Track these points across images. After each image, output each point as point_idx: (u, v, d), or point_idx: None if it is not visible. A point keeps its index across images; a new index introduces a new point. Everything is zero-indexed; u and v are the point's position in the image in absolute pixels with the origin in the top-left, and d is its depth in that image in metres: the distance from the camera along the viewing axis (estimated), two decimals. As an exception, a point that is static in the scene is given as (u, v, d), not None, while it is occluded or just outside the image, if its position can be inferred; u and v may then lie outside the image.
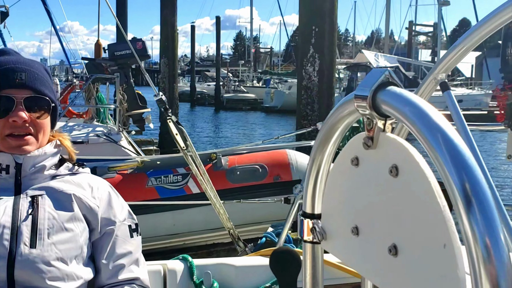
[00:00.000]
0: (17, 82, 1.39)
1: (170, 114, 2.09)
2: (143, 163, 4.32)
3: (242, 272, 1.87)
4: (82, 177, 1.53)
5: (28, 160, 1.42)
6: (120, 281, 1.49)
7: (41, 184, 1.44)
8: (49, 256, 1.34)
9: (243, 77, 50.49)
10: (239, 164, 4.52)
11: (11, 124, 1.38)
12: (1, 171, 1.40)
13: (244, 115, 33.00)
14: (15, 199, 1.39)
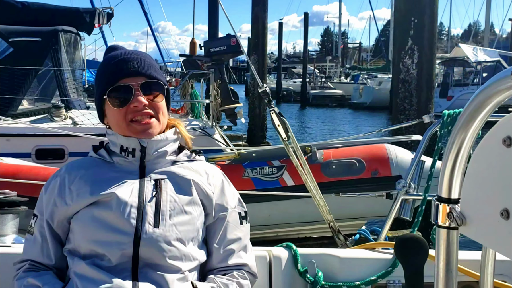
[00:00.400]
0: (131, 71, 1.49)
1: (273, 105, 2.11)
2: (240, 154, 4.43)
3: (346, 263, 1.86)
4: (199, 164, 1.60)
5: (151, 144, 1.50)
6: (230, 266, 1.55)
7: (163, 168, 1.53)
8: (170, 236, 1.42)
9: (330, 73, 49.87)
10: (335, 158, 4.46)
11: (132, 109, 1.47)
12: (128, 154, 1.50)
13: (331, 112, 32.56)
14: (141, 181, 1.48)
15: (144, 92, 1.49)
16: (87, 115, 6.59)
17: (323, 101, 36.45)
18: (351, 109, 34.01)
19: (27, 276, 1.46)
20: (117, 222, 1.41)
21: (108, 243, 1.40)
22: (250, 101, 14.26)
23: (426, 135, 2.41)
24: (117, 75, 1.49)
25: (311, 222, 4.37)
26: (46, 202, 1.50)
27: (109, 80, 1.49)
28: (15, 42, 6.74)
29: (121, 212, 1.41)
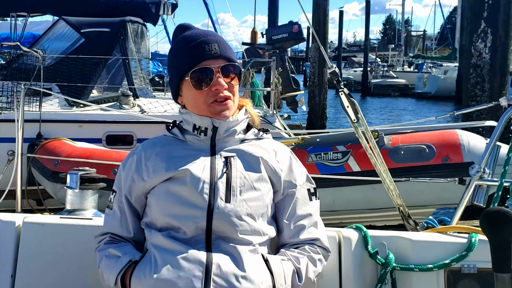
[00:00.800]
0: (213, 54, 1.52)
1: (343, 86, 2.09)
2: (303, 140, 4.43)
3: (418, 246, 1.81)
4: (267, 142, 1.63)
5: (223, 124, 1.55)
6: (302, 241, 1.57)
7: (232, 146, 1.57)
8: (241, 211, 1.46)
9: (392, 62, 48.48)
10: (403, 143, 4.35)
11: (213, 92, 1.52)
12: (200, 133, 1.55)
13: (393, 102, 31.69)
14: (212, 159, 1.53)
15: (223, 74, 1.53)
16: (154, 103, 6.81)
17: (385, 91, 35.55)
18: (415, 98, 32.96)
19: (108, 247, 1.55)
20: (191, 197, 1.46)
21: (183, 216, 1.45)
22: (310, 90, 14.16)
23: (503, 118, 2.31)
24: (199, 57, 1.52)
25: (376, 209, 4.30)
26: (124, 178, 1.58)
27: (190, 62, 1.53)
28: (86, 33, 7.06)
29: (195, 187, 1.46)
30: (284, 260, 1.51)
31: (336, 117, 21.89)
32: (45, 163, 5.31)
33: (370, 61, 41.07)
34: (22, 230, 1.75)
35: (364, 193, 4.19)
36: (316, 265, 1.56)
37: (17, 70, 6.36)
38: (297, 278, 1.50)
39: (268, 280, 1.43)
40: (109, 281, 1.47)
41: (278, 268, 1.47)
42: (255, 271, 1.42)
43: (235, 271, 1.39)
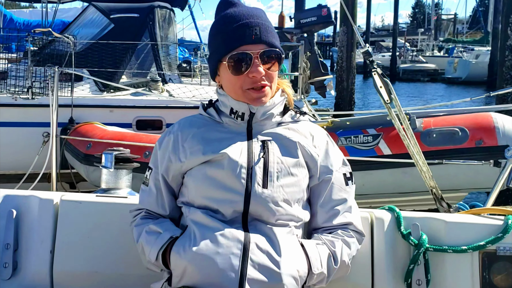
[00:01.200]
0: (253, 38, 1.47)
1: (376, 66, 2.06)
2: (333, 123, 4.40)
3: (452, 228, 1.79)
4: (304, 125, 1.61)
5: (260, 109, 1.53)
6: (335, 226, 1.56)
7: (269, 130, 1.55)
8: (278, 197, 1.46)
9: (421, 46, 47.47)
10: (435, 126, 4.28)
11: (250, 79, 1.49)
12: (237, 117, 1.54)
13: (422, 87, 31.09)
14: (248, 142, 1.52)
15: (262, 60, 1.48)
16: (182, 88, 6.86)
17: (414, 76, 34.89)
18: (445, 83, 32.26)
19: (147, 222, 1.56)
20: (228, 181, 1.46)
21: (220, 200, 1.46)
22: (337, 75, 13.97)
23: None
24: (239, 41, 1.48)
25: (406, 193, 4.26)
26: (161, 157, 1.58)
27: (229, 45, 1.49)
28: (115, 18, 7.12)
29: (232, 172, 1.46)
30: (319, 244, 1.51)
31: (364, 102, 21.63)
32: (78, 146, 5.44)
33: (399, 46, 40.31)
34: (60, 208, 1.80)
35: (394, 177, 4.14)
36: (350, 248, 1.56)
37: (49, 56, 6.48)
38: (333, 261, 1.50)
39: (304, 264, 1.44)
40: (150, 257, 1.49)
41: (314, 252, 1.47)
42: (291, 254, 1.43)
43: (272, 252, 1.40)
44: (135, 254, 1.67)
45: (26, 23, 12.99)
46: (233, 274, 1.35)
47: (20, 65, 6.55)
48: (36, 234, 1.77)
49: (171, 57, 8.01)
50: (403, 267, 1.76)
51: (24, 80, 6.41)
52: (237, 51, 1.48)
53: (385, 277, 1.75)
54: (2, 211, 1.79)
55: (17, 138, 6.22)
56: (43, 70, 6.41)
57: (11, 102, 6.29)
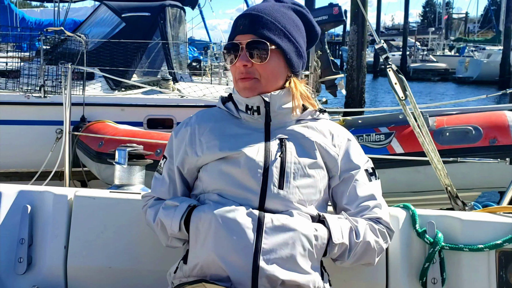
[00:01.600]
0: (241, 29, 1.47)
1: (390, 62, 2.03)
2: (345, 121, 4.39)
3: (468, 226, 1.76)
4: (323, 124, 1.57)
5: (274, 98, 1.49)
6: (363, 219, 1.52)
7: (287, 127, 1.52)
8: (293, 198, 1.44)
9: (432, 45, 47.18)
10: (448, 125, 4.26)
11: (238, 69, 1.48)
12: (253, 112, 1.51)
13: (432, 86, 30.92)
14: (266, 140, 1.49)
15: (249, 51, 1.46)
16: (193, 87, 6.88)
17: (424, 75, 34.71)
18: (455, 83, 32.05)
19: (160, 203, 1.55)
20: (244, 180, 1.44)
21: (235, 197, 1.44)
22: (347, 74, 13.92)
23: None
24: (233, 32, 1.50)
25: (419, 192, 4.23)
26: (177, 148, 1.57)
27: (229, 35, 1.52)
28: (127, 17, 7.17)
29: (249, 170, 1.44)
30: (341, 218, 1.48)
31: (374, 102, 21.54)
32: (89, 144, 5.47)
33: (409, 45, 40.11)
34: (74, 204, 1.80)
35: (407, 176, 4.12)
36: (377, 235, 1.50)
37: (61, 55, 6.53)
38: (355, 235, 1.45)
39: (323, 230, 1.41)
40: (172, 229, 1.47)
41: (334, 223, 1.44)
42: (309, 224, 1.41)
43: (287, 223, 1.38)
44: (148, 249, 1.68)
45: (38, 22, 13.11)
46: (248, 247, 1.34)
47: (32, 63, 6.61)
48: (50, 229, 1.78)
49: (181, 56, 8.03)
50: (418, 265, 1.74)
51: (36, 78, 6.47)
52: (231, 41, 1.49)
53: (400, 275, 1.73)
54: (17, 207, 1.80)
55: (29, 136, 6.29)
56: (55, 68, 6.46)
57: (23, 101, 6.34)
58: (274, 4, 1.54)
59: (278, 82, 1.51)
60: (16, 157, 6.19)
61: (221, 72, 8.10)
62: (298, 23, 1.55)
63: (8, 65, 6.76)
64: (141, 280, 1.76)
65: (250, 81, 1.48)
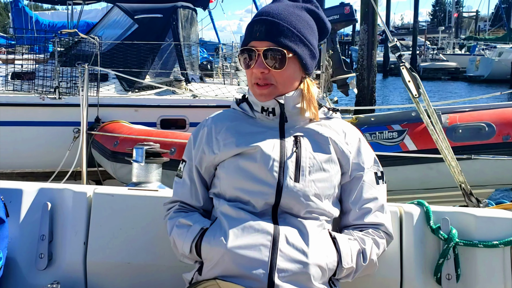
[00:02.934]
0: (257, 36, 1.49)
1: (404, 60, 2.05)
2: (357, 119, 4.40)
3: (483, 222, 1.77)
4: (336, 122, 1.61)
5: (288, 100, 1.53)
6: (366, 224, 1.57)
7: (301, 126, 1.56)
8: (309, 191, 1.47)
9: (442, 44, 46.83)
10: (461, 122, 4.25)
11: (255, 74, 1.51)
12: (269, 114, 1.55)
13: (443, 85, 30.68)
14: (281, 137, 1.53)
15: (266, 58, 1.48)
16: (205, 88, 6.92)
17: (435, 74, 34.48)
18: (466, 82, 31.79)
19: (178, 216, 1.58)
20: (260, 174, 1.47)
21: (252, 192, 1.47)
22: (358, 73, 13.90)
23: None
24: (249, 37, 1.52)
25: (432, 189, 4.23)
26: (195, 149, 1.61)
27: (244, 40, 1.54)
28: (139, 19, 7.22)
29: (265, 164, 1.47)
30: (350, 240, 1.52)
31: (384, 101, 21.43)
32: (105, 143, 5.54)
33: (419, 44, 39.84)
34: (93, 201, 1.83)
35: (420, 173, 4.12)
36: (379, 248, 1.56)
37: (75, 57, 6.60)
38: (362, 258, 1.51)
39: (333, 257, 1.45)
40: (183, 250, 1.51)
41: (345, 246, 1.48)
42: (320, 245, 1.44)
43: (301, 244, 1.41)
44: (166, 245, 1.70)
45: (51, 24, 13.24)
46: (263, 264, 1.37)
47: (47, 65, 6.69)
48: (70, 226, 1.81)
49: (193, 56, 8.07)
50: (432, 261, 1.75)
51: (51, 80, 6.55)
52: (247, 46, 1.51)
53: (414, 271, 1.74)
54: (37, 204, 1.83)
55: (44, 137, 6.36)
56: (69, 70, 6.54)
57: (38, 102, 6.43)
58: (288, 6, 1.55)
59: (293, 85, 1.55)
60: (31, 158, 6.27)
61: (232, 72, 8.13)
62: (311, 24, 1.57)
63: (23, 67, 6.85)
64: (159, 275, 1.79)
65: (267, 89, 1.51)
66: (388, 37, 2.07)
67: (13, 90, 6.65)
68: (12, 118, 6.38)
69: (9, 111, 6.37)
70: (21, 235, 1.81)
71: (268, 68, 1.48)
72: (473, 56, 34.36)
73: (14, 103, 6.42)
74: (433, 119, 2.14)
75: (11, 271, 1.77)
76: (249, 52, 1.50)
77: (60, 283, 1.72)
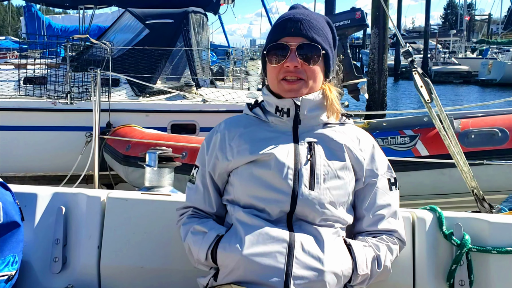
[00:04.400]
0: (292, 31, 1.51)
1: (416, 66, 2.05)
2: (369, 124, 4.39)
3: (496, 228, 1.75)
4: (350, 128, 1.61)
5: (305, 102, 1.53)
6: (379, 230, 1.57)
7: (315, 131, 1.56)
8: (324, 199, 1.47)
9: (454, 48, 46.54)
10: (474, 127, 4.22)
11: (285, 69, 1.51)
12: (283, 114, 1.55)
13: (455, 89, 30.47)
14: (295, 143, 1.53)
15: (300, 53, 1.50)
16: (215, 93, 6.94)
17: (446, 78, 34.26)
18: (478, 86, 31.54)
19: (192, 222, 1.58)
20: (275, 181, 1.47)
21: (267, 199, 1.47)
22: (369, 77, 13.83)
23: None
24: (280, 33, 1.53)
25: (444, 195, 4.20)
26: (209, 155, 1.61)
27: (272, 37, 1.55)
28: (150, 24, 7.26)
29: (279, 172, 1.47)
30: (365, 246, 1.52)
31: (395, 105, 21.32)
32: (117, 147, 5.58)
33: (430, 48, 39.64)
34: (107, 205, 1.85)
35: (432, 178, 4.10)
36: (392, 254, 1.56)
37: (87, 62, 6.67)
38: (377, 265, 1.51)
39: (348, 264, 1.45)
40: (199, 257, 1.51)
41: (360, 253, 1.48)
42: (335, 253, 1.44)
43: (317, 251, 1.41)
44: (179, 249, 1.71)
45: (64, 28, 13.38)
46: (279, 272, 1.37)
47: (59, 70, 6.76)
48: (84, 229, 1.83)
49: (204, 61, 8.10)
50: (445, 267, 1.74)
51: (63, 85, 6.61)
52: (277, 42, 1.52)
53: (427, 277, 1.74)
54: (52, 208, 1.85)
55: (56, 141, 6.43)
56: (81, 75, 6.60)
57: (50, 107, 6.50)
58: (314, 13, 1.60)
59: (317, 85, 1.56)
60: (43, 162, 6.34)
61: (243, 77, 8.15)
62: (330, 32, 1.61)
63: (35, 72, 6.93)
64: (171, 279, 1.80)
65: (298, 84, 1.52)
66: (400, 42, 2.07)
67: (25, 95, 6.73)
68: (24, 123, 6.46)
69: (21, 116, 6.45)
70: (36, 239, 1.83)
71: (301, 62, 1.50)
72: (486, 60, 34.10)
73: (26, 108, 6.49)
74: (445, 124, 2.14)
75: (26, 274, 1.79)
76: (281, 47, 1.52)
77: (74, 287, 1.73)
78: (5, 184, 1.67)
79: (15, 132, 6.44)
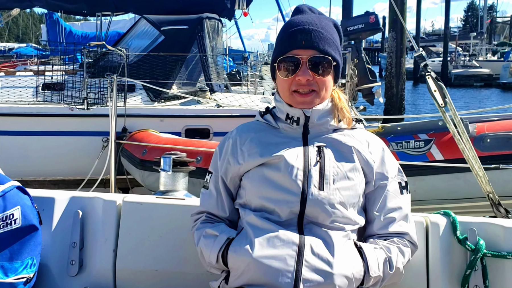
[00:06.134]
0: (303, 44, 1.51)
1: (430, 70, 2.04)
2: (384, 128, 4.37)
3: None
4: (359, 132, 1.63)
5: (315, 113, 1.56)
6: (390, 233, 1.57)
7: (325, 136, 1.58)
8: (334, 199, 1.48)
9: (474, 50, 45.94)
10: (489, 131, 4.17)
11: (296, 82, 1.53)
12: (293, 122, 1.58)
13: (475, 93, 30.07)
14: (304, 147, 1.55)
15: (311, 66, 1.52)
16: (229, 98, 6.98)
17: (467, 81, 33.83)
18: (500, 89, 31.06)
19: (204, 227, 1.62)
20: (285, 182, 1.49)
21: (277, 200, 1.49)
22: (386, 80, 13.74)
23: None
24: (290, 45, 1.53)
25: (459, 200, 4.15)
26: (221, 160, 1.64)
27: (282, 49, 1.55)
28: (166, 30, 7.33)
29: (289, 174, 1.49)
30: (376, 249, 1.52)
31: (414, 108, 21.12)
32: (134, 152, 5.65)
33: (450, 51, 39.20)
34: (123, 209, 1.88)
35: (446, 183, 4.06)
36: (404, 257, 1.56)
37: (103, 68, 6.77)
38: (388, 266, 1.51)
39: (359, 266, 1.45)
40: (210, 259, 1.54)
41: (371, 255, 1.48)
42: (346, 255, 1.45)
43: (327, 254, 1.42)
44: (193, 253, 1.73)
45: (84, 35, 13.60)
46: (289, 274, 1.38)
47: (76, 77, 6.88)
48: (100, 233, 1.86)
49: (218, 66, 8.15)
50: (459, 272, 1.74)
51: (80, 91, 6.72)
52: (287, 55, 1.53)
53: (441, 282, 1.73)
54: (68, 212, 1.90)
55: (73, 146, 6.53)
56: (97, 81, 6.71)
57: (68, 113, 6.61)
58: (322, 18, 1.60)
59: (328, 94, 1.59)
60: (61, 166, 6.44)
61: (258, 81, 8.18)
62: (338, 37, 1.61)
63: (53, 78, 7.05)
64: (185, 282, 1.82)
65: (310, 96, 1.54)
66: (414, 46, 2.07)
67: (43, 101, 6.85)
68: (43, 128, 6.58)
69: (40, 121, 6.57)
70: (53, 242, 1.87)
71: (313, 75, 1.52)
72: (507, 62, 33.59)
73: (45, 113, 6.61)
74: (459, 129, 2.12)
75: (44, 277, 1.83)
76: (292, 60, 1.53)
77: None
78: (24, 189, 1.71)
79: (34, 137, 6.56)
